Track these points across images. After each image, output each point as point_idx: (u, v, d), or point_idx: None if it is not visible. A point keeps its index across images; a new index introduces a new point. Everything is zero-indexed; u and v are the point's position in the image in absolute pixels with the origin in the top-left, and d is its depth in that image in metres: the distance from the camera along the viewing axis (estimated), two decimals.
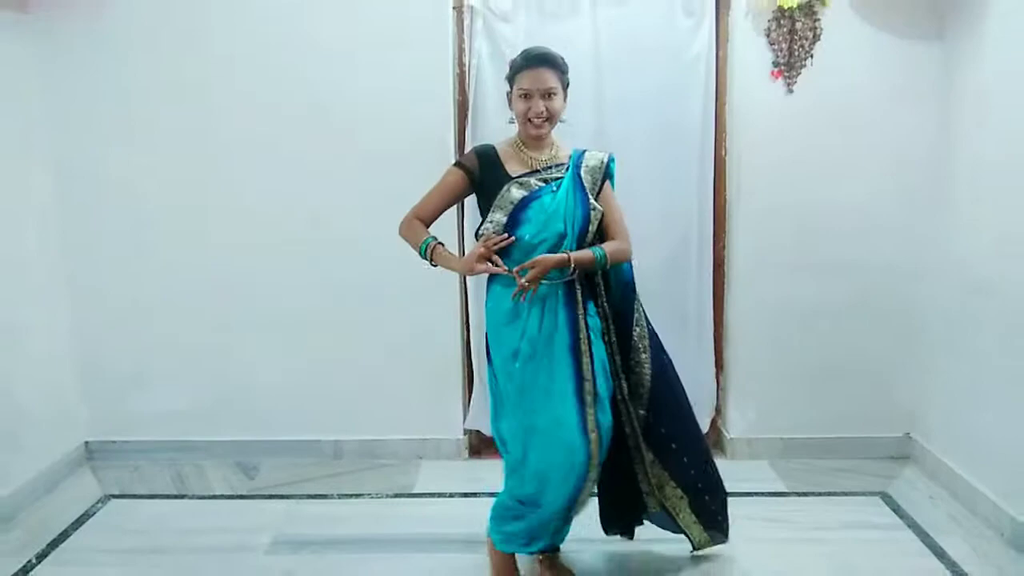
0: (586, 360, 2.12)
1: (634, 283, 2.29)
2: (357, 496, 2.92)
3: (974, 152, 2.73)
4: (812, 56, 2.88)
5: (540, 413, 2.11)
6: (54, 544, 2.59)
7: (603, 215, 2.18)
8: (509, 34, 2.91)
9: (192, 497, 2.94)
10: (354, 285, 3.08)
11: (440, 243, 2.15)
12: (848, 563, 2.42)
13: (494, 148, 2.21)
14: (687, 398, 2.37)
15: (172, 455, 3.19)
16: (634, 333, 2.25)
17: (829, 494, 2.87)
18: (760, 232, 3.03)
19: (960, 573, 2.35)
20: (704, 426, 3.24)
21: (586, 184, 2.15)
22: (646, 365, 2.25)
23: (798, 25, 2.84)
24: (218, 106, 2.98)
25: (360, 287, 3.08)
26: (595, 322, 2.19)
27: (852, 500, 2.82)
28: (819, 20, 2.84)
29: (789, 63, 2.89)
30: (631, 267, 2.29)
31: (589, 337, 2.14)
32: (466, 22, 2.99)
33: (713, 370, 3.21)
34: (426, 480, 3.03)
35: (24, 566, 2.45)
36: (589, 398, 2.12)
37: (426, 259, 2.16)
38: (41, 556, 2.52)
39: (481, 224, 2.15)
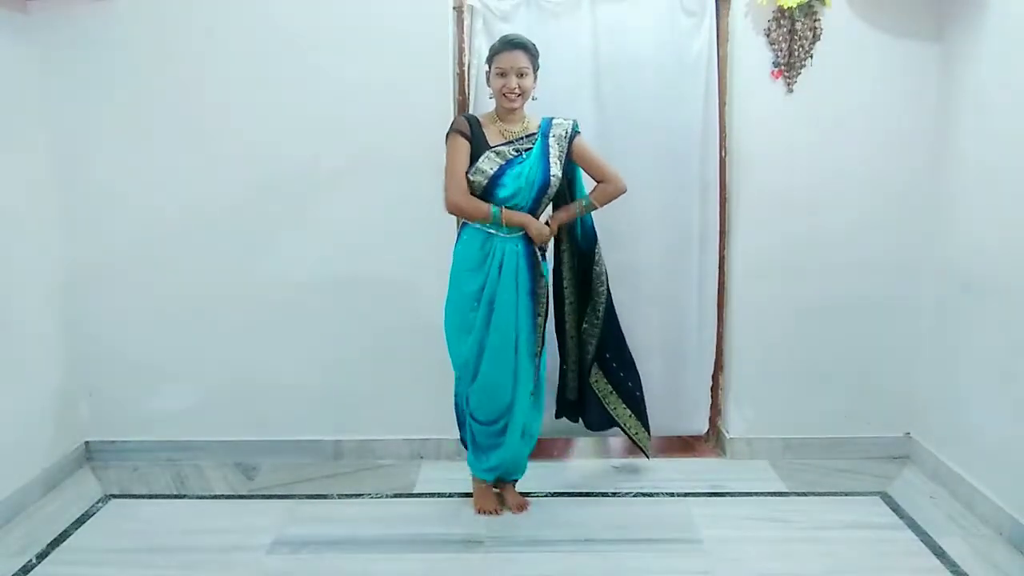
0: (543, 300, 2.59)
1: (595, 230, 2.74)
2: (357, 496, 2.92)
3: (973, 151, 2.73)
4: (812, 56, 2.88)
5: (491, 347, 2.58)
6: (54, 544, 2.59)
7: (585, 167, 2.62)
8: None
9: (192, 497, 2.94)
10: (354, 285, 3.08)
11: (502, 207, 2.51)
12: (848, 563, 2.42)
13: (476, 117, 2.58)
14: (624, 336, 2.84)
15: (172, 455, 3.19)
16: (594, 269, 2.72)
17: (829, 494, 2.87)
18: (760, 232, 3.03)
19: (960, 573, 2.35)
20: (703, 426, 3.25)
21: (553, 150, 2.53)
22: (602, 295, 2.74)
23: (798, 25, 2.84)
24: (218, 107, 2.98)
25: (360, 287, 3.08)
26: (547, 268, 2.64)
27: (852, 500, 2.82)
28: (819, 20, 2.84)
29: (789, 63, 2.89)
30: (592, 218, 2.72)
31: (543, 281, 2.59)
32: (466, 22, 2.99)
33: (712, 370, 3.21)
34: (426, 480, 3.02)
35: (24, 566, 2.45)
36: (538, 342, 2.61)
37: (496, 223, 2.51)
38: (41, 556, 2.52)
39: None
